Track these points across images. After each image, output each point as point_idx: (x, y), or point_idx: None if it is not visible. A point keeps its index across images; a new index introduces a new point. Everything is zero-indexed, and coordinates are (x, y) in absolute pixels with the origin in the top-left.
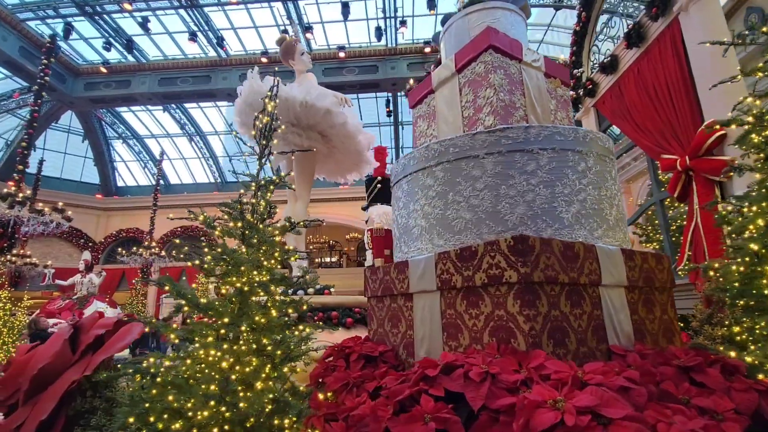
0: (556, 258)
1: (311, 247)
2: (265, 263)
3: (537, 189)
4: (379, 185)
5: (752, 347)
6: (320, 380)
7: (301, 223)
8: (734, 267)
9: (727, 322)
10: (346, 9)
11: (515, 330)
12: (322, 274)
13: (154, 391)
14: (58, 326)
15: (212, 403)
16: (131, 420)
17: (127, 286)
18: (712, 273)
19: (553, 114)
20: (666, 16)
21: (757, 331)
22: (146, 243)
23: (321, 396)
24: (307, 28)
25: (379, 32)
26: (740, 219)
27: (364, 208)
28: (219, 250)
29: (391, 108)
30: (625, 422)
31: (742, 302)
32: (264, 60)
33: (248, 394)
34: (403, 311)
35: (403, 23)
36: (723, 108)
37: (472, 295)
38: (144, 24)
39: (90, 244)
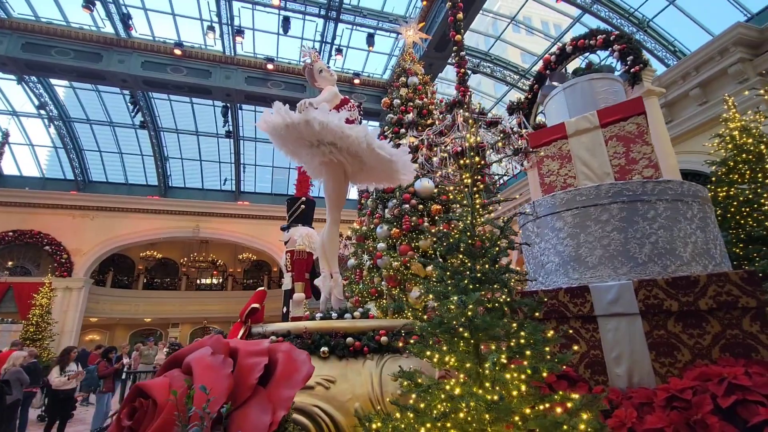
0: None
1: (195, 265)
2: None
3: (696, 233)
4: (303, 206)
5: None
6: None
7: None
8: None
9: None
10: (287, 23)
11: (757, 346)
12: (199, 298)
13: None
14: None
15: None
16: None
17: None
18: None
19: None
20: None
21: None
22: None
23: None
24: (238, 32)
25: None
26: None
27: (284, 228)
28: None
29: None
30: None
31: None
32: (177, 52)
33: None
34: (580, 333)
35: (339, 51)
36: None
37: (691, 317)
38: None
39: None
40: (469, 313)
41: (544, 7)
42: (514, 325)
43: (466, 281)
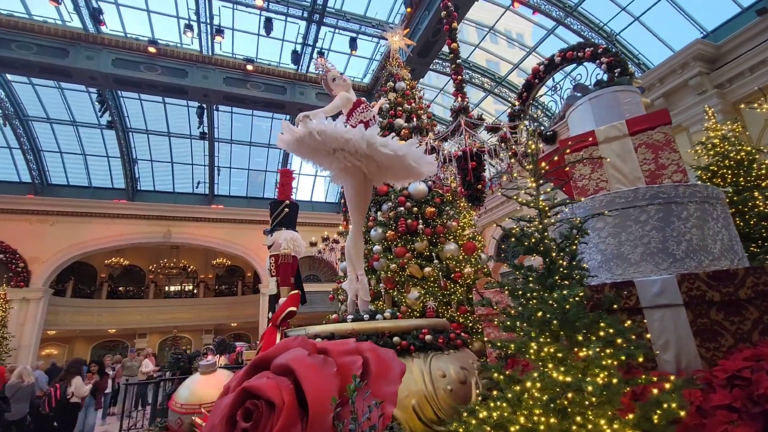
0: None
1: (164, 272)
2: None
3: (722, 231)
4: (286, 209)
5: None
6: None
7: None
8: None
9: None
10: (269, 25)
11: None
12: (169, 306)
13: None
14: None
15: None
16: None
17: None
18: None
19: None
20: None
21: None
22: None
23: None
24: (218, 31)
25: (296, 56)
26: None
27: (267, 232)
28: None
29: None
30: None
31: None
32: (152, 50)
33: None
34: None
35: (321, 54)
36: None
37: (731, 306)
38: None
39: None
40: (567, 307)
41: (508, 16)
42: (591, 316)
43: (556, 277)
